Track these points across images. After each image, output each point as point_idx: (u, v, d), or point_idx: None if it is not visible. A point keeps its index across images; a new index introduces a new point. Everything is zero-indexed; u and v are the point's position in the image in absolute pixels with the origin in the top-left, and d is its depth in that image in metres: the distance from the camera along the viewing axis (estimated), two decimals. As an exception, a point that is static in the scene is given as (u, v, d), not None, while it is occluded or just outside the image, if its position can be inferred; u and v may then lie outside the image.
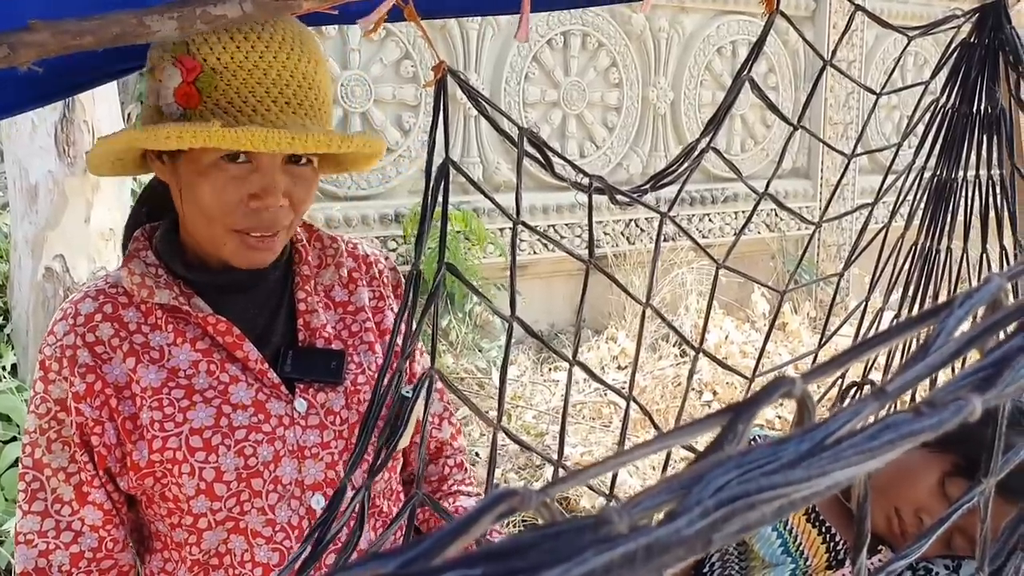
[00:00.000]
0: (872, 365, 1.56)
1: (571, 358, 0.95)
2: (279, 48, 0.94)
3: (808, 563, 1.14)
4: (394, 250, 4.41)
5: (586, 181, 0.99)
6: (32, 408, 1.04)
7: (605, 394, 4.27)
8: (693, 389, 4.57)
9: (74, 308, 1.04)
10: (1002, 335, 0.32)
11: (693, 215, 5.51)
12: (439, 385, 1.23)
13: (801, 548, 1.14)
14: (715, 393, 4.50)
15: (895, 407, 1.13)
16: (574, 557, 0.19)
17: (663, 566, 0.20)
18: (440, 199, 0.85)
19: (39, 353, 1.04)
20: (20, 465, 1.04)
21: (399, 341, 0.87)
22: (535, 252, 4.88)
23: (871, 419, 0.28)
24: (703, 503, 0.21)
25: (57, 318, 1.04)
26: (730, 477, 0.22)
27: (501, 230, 4.67)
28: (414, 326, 0.84)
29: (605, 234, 5.18)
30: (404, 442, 1.08)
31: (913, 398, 1.40)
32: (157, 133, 0.90)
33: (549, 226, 4.93)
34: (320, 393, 1.06)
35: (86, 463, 1.02)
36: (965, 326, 0.33)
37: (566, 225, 4.98)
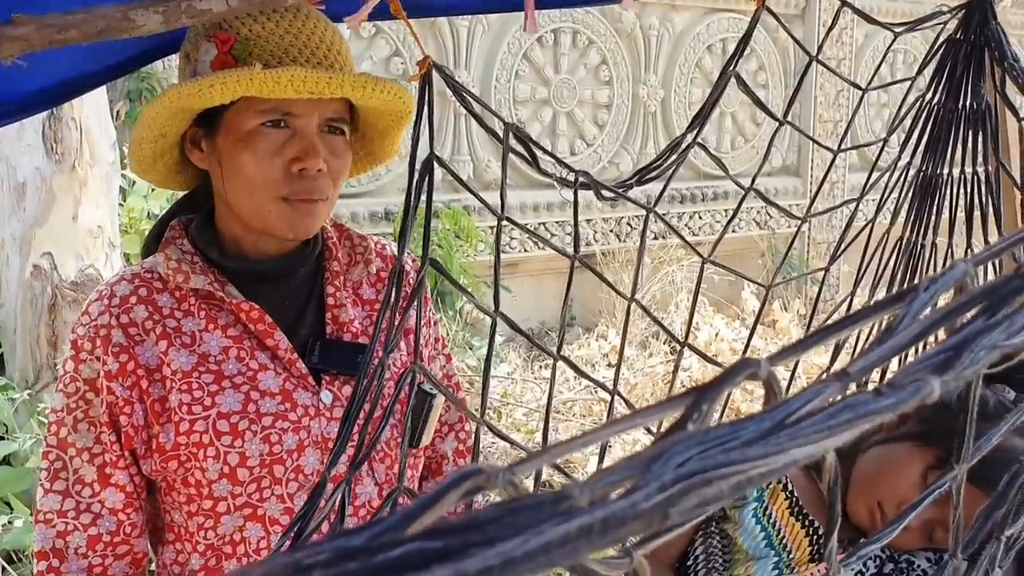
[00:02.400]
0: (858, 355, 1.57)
1: (555, 353, 0.95)
2: (306, 18, 0.99)
3: (791, 556, 1.14)
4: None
5: (572, 177, 0.99)
6: (61, 387, 1.05)
7: (595, 391, 4.28)
8: (684, 386, 4.58)
9: (110, 290, 1.05)
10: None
11: (683, 212, 5.52)
12: (461, 395, 1.24)
13: (784, 541, 1.15)
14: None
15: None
16: (531, 529, 0.20)
17: (620, 539, 0.21)
18: (424, 194, 0.85)
19: (71, 333, 1.06)
20: (44, 444, 1.06)
21: (383, 336, 0.88)
22: (525, 250, 4.88)
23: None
24: (661, 478, 0.21)
25: (92, 299, 1.06)
26: (691, 454, 0.23)
27: (491, 227, 4.68)
28: (396, 321, 0.85)
29: (595, 232, 5.19)
30: (426, 439, 1.09)
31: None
32: (200, 84, 0.92)
33: (539, 224, 4.93)
34: (346, 386, 1.08)
35: (112, 443, 1.03)
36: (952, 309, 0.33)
37: (556, 223, 4.99)
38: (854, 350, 1.57)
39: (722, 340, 5.00)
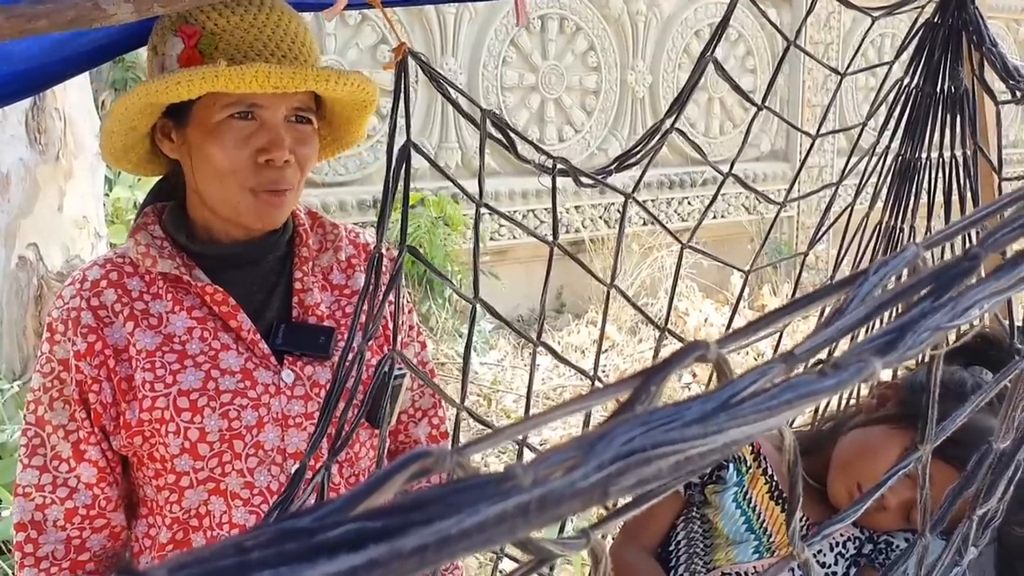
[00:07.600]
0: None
1: (535, 339, 0.96)
2: (270, 11, 1.02)
3: (771, 539, 1.16)
4: (373, 236, 4.40)
5: (550, 163, 1.00)
6: (38, 368, 1.10)
7: (584, 378, 4.29)
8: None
9: (82, 274, 1.10)
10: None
11: (672, 198, 5.53)
12: (443, 381, 1.25)
13: (764, 525, 1.16)
14: (695, 375, 4.52)
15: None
16: (468, 508, 0.20)
17: (558, 516, 0.21)
18: (403, 181, 0.85)
19: (47, 316, 1.11)
20: (23, 421, 1.11)
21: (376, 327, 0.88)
22: (514, 237, 4.88)
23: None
24: (601, 457, 0.22)
25: (66, 283, 1.11)
26: (634, 434, 0.23)
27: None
28: (376, 308, 0.85)
29: (583, 218, 5.19)
30: (389, 422, 1.11)
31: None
32: (168, 81, 0.95)
33: (528, 211, 4.93)
34: (308, 366, 1.11)
35: (84, 420, 1.07)
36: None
37: (544, 209, 4.99)
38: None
39: (711, 325, 5.02)
